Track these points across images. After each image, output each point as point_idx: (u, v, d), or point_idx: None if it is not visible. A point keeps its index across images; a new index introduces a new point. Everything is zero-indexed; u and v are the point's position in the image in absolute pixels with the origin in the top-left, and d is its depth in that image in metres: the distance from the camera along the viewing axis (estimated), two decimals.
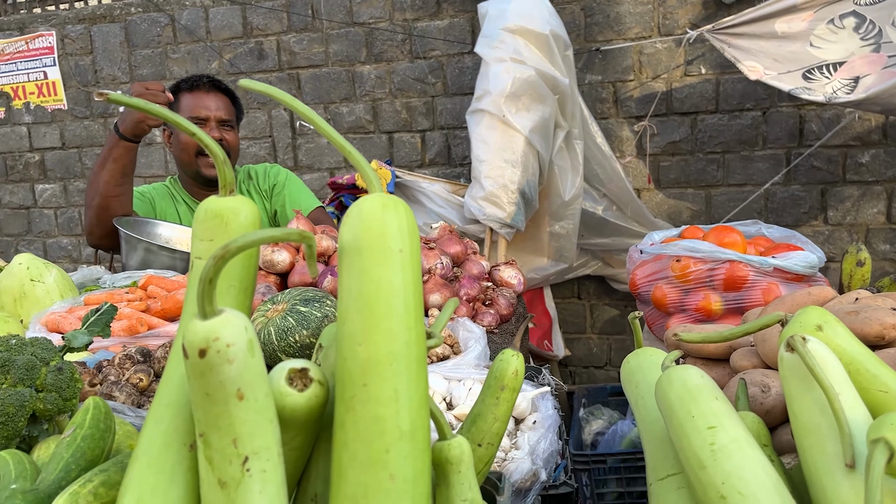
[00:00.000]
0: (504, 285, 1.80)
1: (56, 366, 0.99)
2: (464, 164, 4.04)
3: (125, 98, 0.75)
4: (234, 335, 0.65)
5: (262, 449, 0.67)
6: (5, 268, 1.64)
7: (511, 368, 0.92)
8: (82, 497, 0.76)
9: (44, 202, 4.91)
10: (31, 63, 4.73)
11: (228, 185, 0.79)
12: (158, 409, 0.73)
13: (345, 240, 0.74)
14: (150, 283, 1.63)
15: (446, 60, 3.99)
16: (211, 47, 4.38)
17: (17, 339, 0.99)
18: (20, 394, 0.93)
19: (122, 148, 2.17)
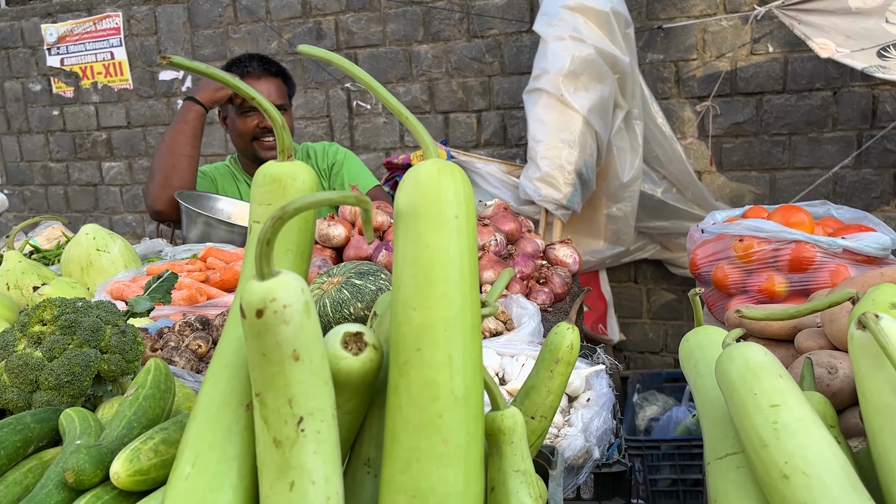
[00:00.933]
0: (559, 264, 1.78)
1: (120, 328, 1.02)
2: (519, 145, 4.00)
3: (186, 61, 0.75)
4: (291, 296, 0.66)
5: (317, 410, 0.67)
6: (73, 238, 1.70)
7: (566, 342, 0.90)
8: (143, 453, 0.78)
9: (110, 179, 5.07)
10: (98, 43, 4.87)
11: (287, 150, 0.80)
12: (216, 369, 0.74)
13: (400, 205, 0.73)
14: (209, 254, 1.67)
15: (504, 39, 3.95)
16: (270, 27, 4.43)
17: (83, 302, 1.02)
18: (86, 354, 0.96)
19: (195, 112, 2.26)
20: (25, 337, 0.98)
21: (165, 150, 2.26)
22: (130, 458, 0.77)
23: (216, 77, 0.77)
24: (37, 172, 5.25)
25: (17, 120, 5.20)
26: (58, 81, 5.02)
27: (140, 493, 0.79)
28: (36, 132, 5.18)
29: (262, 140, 2.42)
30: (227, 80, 0.78)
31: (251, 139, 2.42)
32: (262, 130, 2.39)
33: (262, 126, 2.40)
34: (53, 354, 0.96)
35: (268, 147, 2.43)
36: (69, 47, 4.93)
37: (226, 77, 0.78)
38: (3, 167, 5.33)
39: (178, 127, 2.27)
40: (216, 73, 0.77)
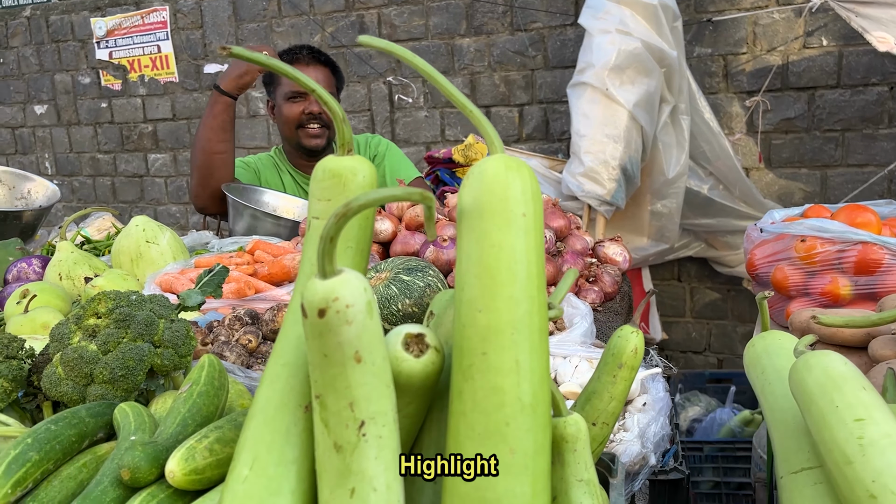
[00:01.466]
0: (609, 262, 1.74)
1: (173, 323, 1.00)
2: (562, 140, 3.94)
3: (247, 52, 0.73)
4: (354, 296, 0.63)
5: (379, 414, 0.65)
6: (123, 230, 1.71)
7: (630, 346, 0.86)
8: (198, 452, 0.76)
9: (155, 171, 5.14)
10: (146, 37, 4.92)
11: (347, 145, 0.77)
12: (275, 368, 0.72)
13: (465, 202, 0.70)
14: (257, 247, 1.66)
15: (547, 33, 3.89)
16: (314, 21, 4.43)
17: (137, 296, 1.01)
18: (140, 348, 0.95)
19: (221, 104, 2.24)
20: (80, 329, 0.98)
21: (199, 149, 2.25)
22: (186, 456, 0.75)
23: (274, 67, 0.75)
24: (85, 163, 5.34)
25: (67, 112, 5.29)
26: (106, 74, 5.09)
27: (195, 493, 0.77)
28: (85, 124, 5.26)
29: (306, 127, 2.41)
30: (285, 70, 0.76)
31: (296, 126, 2.41)
32: (308, 117, 2.38)
33: (307, 112, 2.39)
34: (108, 348, 0.95)
35: (312, 135, 2.42)
36: (117, 41, 5.00)
37: (283, 66, 0.76)
38: (52, 158, 5.44)
39: (206, 122, 2.26)
40: (277, 64, 0.75)
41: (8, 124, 5.53)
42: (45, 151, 5.47)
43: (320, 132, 2.41)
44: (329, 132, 2.46)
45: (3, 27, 5.34)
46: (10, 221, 1.95)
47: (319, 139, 2.43)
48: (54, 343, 0.98)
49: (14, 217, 1.97)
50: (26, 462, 0.79)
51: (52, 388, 0.95)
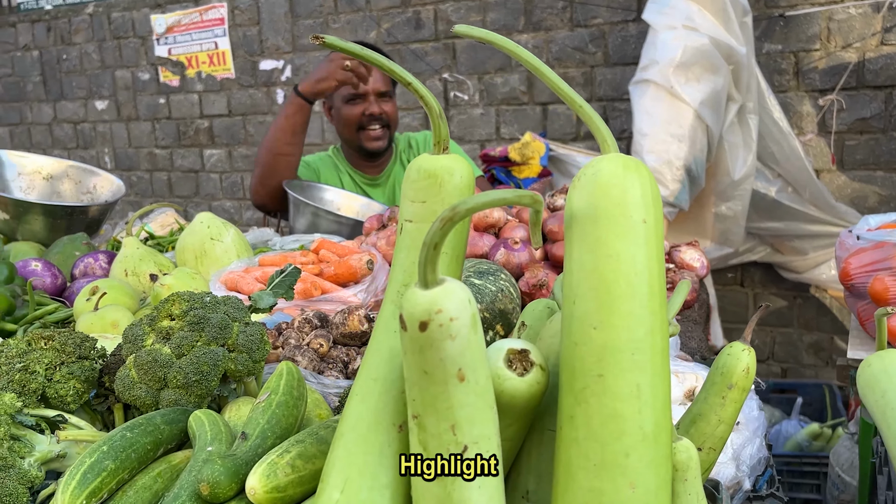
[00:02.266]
0: (686, 268, 1.65)
1: (247, 326, 0.96)
2: (622, 139, 3.83)
3: (340, 42, 0.68)
4: (459, 308, 0.58)
5: (483, 438, 0.59)
6: (188, 226, 1.69)
7: (741, 365, 0.79)
8: (280, 468, 0.71)
9: (210, 167, 5.18)
10: (203, 34, 4.96)
11: (443, 142, 0.71)
12: (366, 383, 0.67)
13: (577, 206, 0.64)
14: (322, 246, 1.62)
15: (608, 29, 3.79)
16: (370, 17, 4.40)
17: (210, 297, 0.97)
18: (214, 353, 0.91)
19: (296, 106, 2.22)
20: (154, 332, 0.94)
21: (266, 147, 2.23)
22: (267, 473, 0.71)
23: (368, 58, 0.70)
24: (143, 158, 5.42)
25: (127, 108, 5.38)
26: (165, 71, 5.15)
27: None
28: (143, 119, 5.34)
29: (367, 129, 2.37)
30: (379, 61, 0.70)
31: (357, 128, 2.38)
32: (368, 118, 2.34)
33: (367, 114, 2.35)
34: (182, 351, 0.91)
35: (374, 136, 2.38)
36: (176, 37, 5.06)
37: (377, 57, 0.70)
38: (112, 153, 5.53)
39: (278, 123, 2.24)
40: (369, 54, 0.70)
41: (70, 119, 5.65)
42: (104, 146, 5.57)
43: (381, 133, 2.37)
44: (389, 132, 2.41)
45: (67, 24, 5.45)
46: (76, 216, 1.95)
47: (381, 141, 2.39)
48: (127, 345, 0.95)
49: (80, 212, 1.97)
50: (102, 471, 0.75)
51: (126, 391, 0.92)
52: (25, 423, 0.88)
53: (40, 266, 1.55)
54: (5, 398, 0.88)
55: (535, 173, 3.51)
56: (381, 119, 2.36)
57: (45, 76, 5.65)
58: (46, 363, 0.96)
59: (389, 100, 2.40)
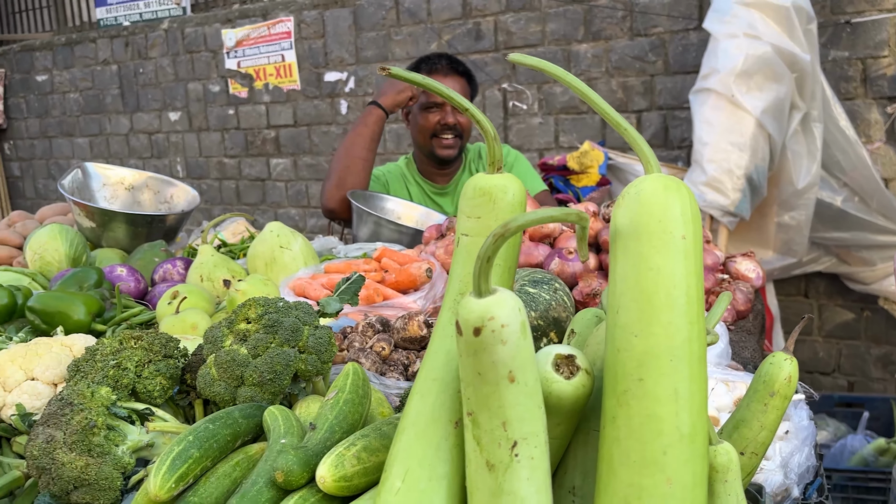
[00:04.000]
0: (740, 278, 1.66)
1: (316, 329, 1.04)
2: (682, 147, 3.82)
3: (404, 73, 0.75)
4: (509, 316, 0.64)
5: (531, 435, 0.65)
6: (259, 235, 1.79)
7: (784, 373, 0.82)
8: (347, 459, 0.78)
9: (276, 175, 5.37)
10: (271, 47, 5.16)
11: (497, 162, 0.77)
12: (425, 382, 0.73)
13: (620, 222, 0.69)
14: (383, 255, 1.70)
15: (669, 37, 3.78)
16: (431, 29, 4.50)
17: (283, 303, 1.06)
18: (286, 353, 1.00)
19: (374, 115, 2.34)
20: (232, 333, 1.03)
21: (343, 152, 2.34)
22: (335, 463, 0.78)
23: (428, 87, 0.76)
24: (212, 167, 5.65)
25: (198, 119, 5.62)
26: (234, 83, 5.37)
27: (342, 499, 0.79)
28: (213, 130, 5.57)
29: (440, 137, 2.47)
30: (440, 90, 0.77)
31: (431, 136, 2.47)
32: (443, 127, 2.43)
33: (442, 123, 2.44)
34: (258, 352, 1.00)
35: (446, 145, 2.47)
36: (245, 51, 5.26)
37: (438, 86, 0.77)
38: (184, 162, 5.78)
39: (357, 130, 2.35)
40: (432, 84, 0.77)
41: (145, 130, 5.93)
42: (177, 155, 5.82)
43: (454, 142, 2.47)
44: (461, 142, 2.51)
45: (144, 39, 5.73)
46: (155, 224, 2.09)
47: (452, 149, 2.48)
48: (208, 345, 1.04)
49: (159, 220, 2.11)
50: (188, 458, 0.84)
51: (206, 387, 1.01)
52: (119, 415, 0.98)
53: (125, 271, 1.68)
54: (102, 391, 0.98)
55: (594, 182, 3.53)
56: (454, 129, 2.45)
57: (123, 89, 5.95)
58: (136, 361, 1.06)
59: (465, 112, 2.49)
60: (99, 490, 0.90)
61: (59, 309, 1.35)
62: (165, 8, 5.76)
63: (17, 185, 6.85)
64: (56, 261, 1.84)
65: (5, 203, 6.74)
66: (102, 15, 6.04)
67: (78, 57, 6.12)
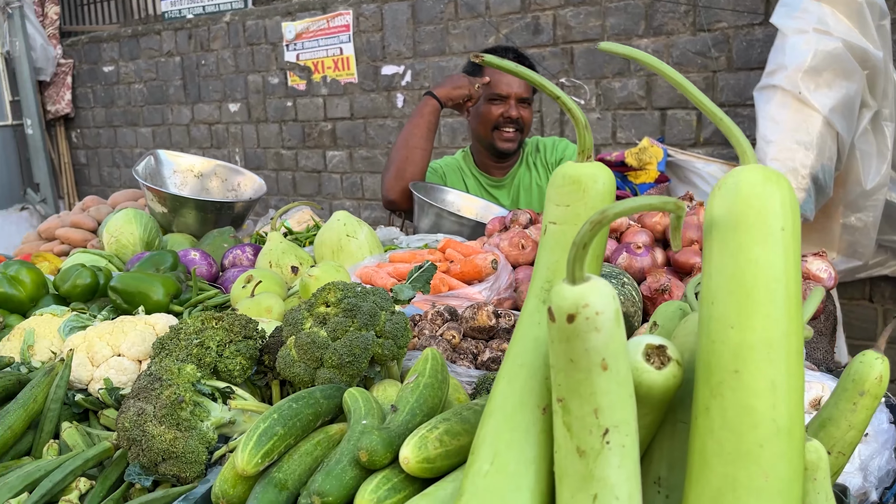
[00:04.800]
0: (812, 279, 1.62)
1: (393, 315, 1.06)
2: None
3: (498, 60, 0.76)
4: (604, 303, 0.64)
5: (622, 423, 0.65)
6: (326, 223, 1.82)
7: (874, 372, 0.80)
8: (430, 442, 0.79)
9: (332, 167, 5.43)
10: (329, 40, 5.22)
11: (587, 151, 0.77)
12: (512, 368, 0.74)
13: (717, 213, 0.68)
14: (448, 246, 1.71)
15: (733, 33, 3.71)
16: (489, 23, 4.50)
17: (361, 288, 1.07)
18: (365, 337, 1.01)
19: (430, 107, 2.37)
20: (312, 316, 1.05)
21: (402, 143, 2.36)
22: (419, 445, 0.79)
23: (522, 75, 0.77)
24: (270, 158, 5.74)
25: (257, 110, 5.72)
26: (293, 75, 5.45)
27: (423, 480, 0.81)
28: (272, 122, 5.66)
29: (501, 130, 2.47)
30: (531, 77, 0.77)
31: (492, 128, 2.47)
32: (505, 120, 2.43)
33: (505, 116, 2.44)
34: (336, 335, 1.02)
35: (507, 138, 2.47)
36: (304, 43, 5.33)
37: (532, 75, 0.77)
38: (242, 153, 5.89)
39: (414, 121, 2.37)
40: (523, 70, 0.77)
41: (206, 121, 6.06)
42: (235, 146, 5.94)
43: (514, 136, 2.46)
44: (521, 136, 2.50)
45: (206, 32, 5.86)
46: (224, 211, 2.14)
47: (512, 143, 2.48)
48: (287, 327, 1.06)
49: (228, 207, 2.16)
50: (273, 435, 0.86)
51: (286, 368, 1.03)
52: (203, 392, 1.01)
53: (198, 255, 1.73)
54: (188, 369, 1.01)
55: (652, 179, 3.48)
56: (516, 122, 2.45)
57: (186, 80, 6.09)
58: (218, 341, 1.09)
59: (528, 106, 2.49)
60: (185, 463, 0.93)
61: (140, 289, 1.40)
62: (228, 1, 5.87)
63: (84, 172, 7.08)
64: (131, 244, 1.91)
65: (71, 190, 6.98)
66: (167, 7, 6.20)
67: (143, 48, 6.29)
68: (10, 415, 1.02)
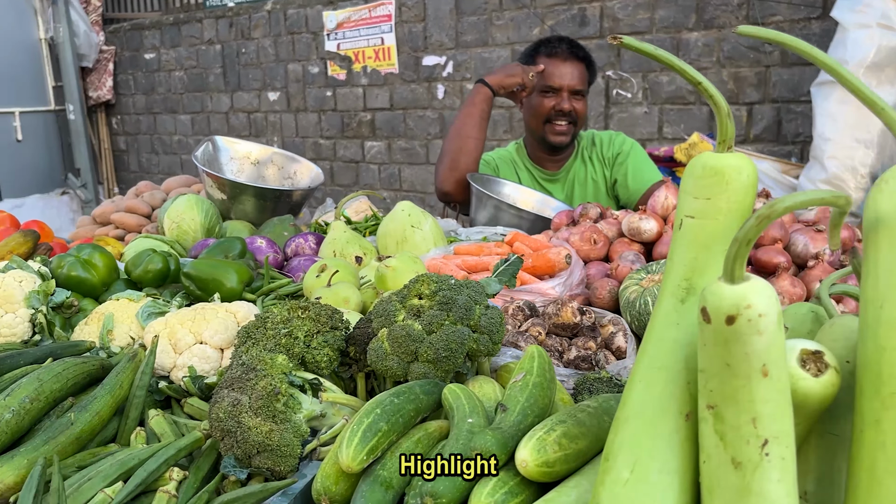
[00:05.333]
0: None
1: (487, 309, 1.01)
2: (796, 142, 3.64)
3: (637, 43, 0.71)
4: (767, 304, 0.59)
5: (782, 434, 0.60)
6: (390, 213, 1.78)
7: None
8: (549, 445, 0.75)
9: (370, 158, 5.40)
10: (371, 30, 5.18)
11: (728, 141, 0.72)
12: (649, 371, 0.69)
13: (884, 209, 0.63)
14: (516, 239, 1.66)
15: (788, 27, 3.60)
16: (534, 14, 4.43)
17: (455, 280, 1.03)
18: (461, 332, 0.97)
19: (482, 95, 2.31)
20: (405, 308, 1.01)
21: (454, 133, 2.31)
22: (537, 447, 0.75)
23: (662, 59, 0.72)
24: (308, 147, 5.73)
25: (296, 99, 5.70)
26: (333, 65, 5.42)
27: (539, 485, 0.76)
28: (311, 111, 5.64)
29: (553, 122, 2.40)
30: (672, 61, 0.72)
31: (545, 121, 2.41)
32: (557, 113, 2.36)
33: (557, 108, 2.37)
34: (432, 329, 0.97)
35: (559, 131, 2.40)
36: (345, 33, 5.30)
37: (670, 58, 0.72)
38: (280, 142, 5.88)
39: (466, 110, 2.32)
40: (663, 54, 0.72)
41: (245, 109, 6.06)
42: (274, 135, 5.93)
43: (567, 129, 2.39)
44: (575, 129, 2.41)
45: (247, 20, 5.85)
46: (283, 199, 2.11)
47: (564, 136, 2.40)
48: (379, 319, 1.02)
49: (287, 195, 2.13)
50: (378, 431, 0.82)
51: (378, 361, 0.99)
52: (294, 383, 0.97)
53: (264, 243, 1.70)
54: (279, 359, 0.98)
55: None
56: (569, 115, 2.37)
57: (226, 68, 6.09)
58: (306, 331, 1.05)
59: (581, 98, 2.40)
60: (280, 456, 0.89)
61: (214, 276, 1.37)
62: None
63: (123, 158, 7.13)
64: (192, 230, 1.88)
65: (111, 175, 7.03)
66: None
67: (184, 36, 6.30)
68: (98, 401, 0.99)
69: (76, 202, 6.76)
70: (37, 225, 2.28)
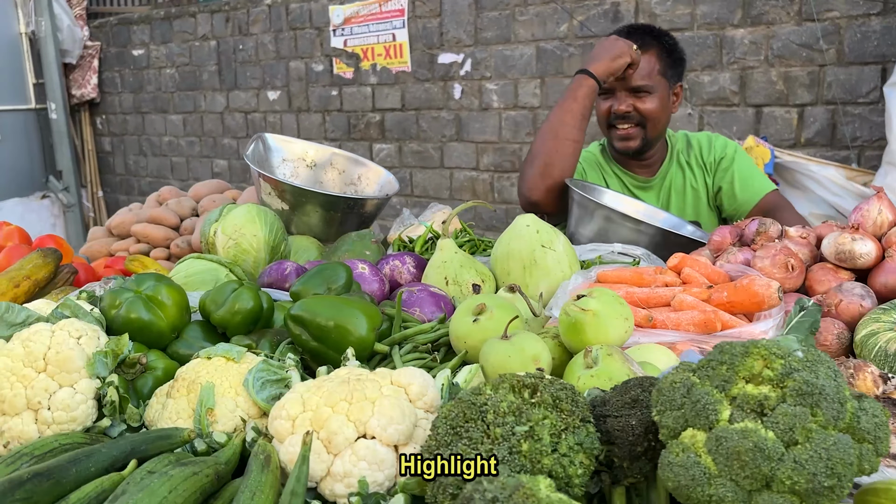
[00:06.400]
0: None
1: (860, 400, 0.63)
2: (853, 147, 3.33)
3: None
4: None
5: None
6: (509, 229, 1.38)
7: None
8: None
9: (379, 161, 4.97)
10: (381, 25, 4.76)
11: None
12: None
13: None
14: (684, 265, 1.28)
15: (846, 23, 3.29)
16: (562, 9, 4.06)
17: (802, 352, 0.64)
18: (843, 441, 0.59)
19: (586, 87, 1.89)
20: (728, 399, 0.62)
21: (549, 133, 1.90)
22: None
23: None
24: None
25: (298, 99, 5.26)
26: (339, 62, 4.99)
27: None
28: (314, 111, 5.20)
29: (615, 127, 2.02)
30: None
31: (607, 126, 2.04)
32: (615, 116, 1.97)
33: (614, 112, 1.99)
34: (794, 438, 0.59)
35: (622, 136, 2.01)
36: (353, 29, 4.88)
37: None
38: None
39: (565, 105, 1.90)
40: None
41: (242, 109, 5.59)
42: None
43: (632, 132, 1.98)
44: (644, 132, 2.01)
45: (245, 15, 5.39)
46: (356, 210, 1.69)
47: (631, 141, 2.00)
48: (671, 412, 0.63)
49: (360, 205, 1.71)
50: None
51: (693, 485, 0.60)
52: None
53: (367, 269, 1.28)
54: (541, 485, 0.58)
55: None
56: (629, 117, 1.98)
57: (221, 66, 5.62)
58: (549, 427, 0.66)
59: (647, 96, 1.99)
60: None
61: (338, 322, 0.94)
62: None
63: (108, 160, 6.58)
64: (254, 248, 1.46)
65: (95, 178, 6.48)
66: None
67: (176, 31, 5.81)
68: None
69: (57, 206, 6.20)
70: (19, 233, 1.83)
